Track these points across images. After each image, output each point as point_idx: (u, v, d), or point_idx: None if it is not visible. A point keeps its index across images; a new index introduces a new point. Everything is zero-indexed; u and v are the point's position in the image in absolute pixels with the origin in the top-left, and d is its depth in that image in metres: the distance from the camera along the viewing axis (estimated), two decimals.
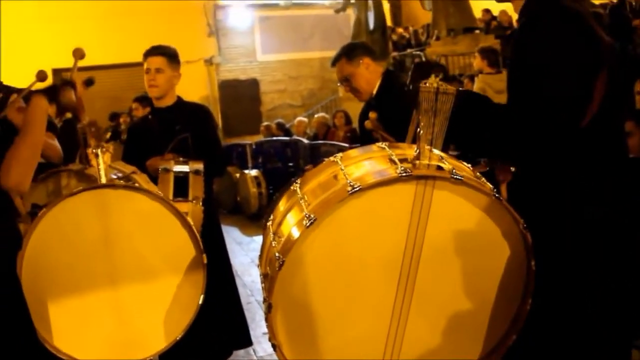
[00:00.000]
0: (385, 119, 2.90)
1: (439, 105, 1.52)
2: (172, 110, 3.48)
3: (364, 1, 13.13)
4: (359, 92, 3.29)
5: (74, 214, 2.26)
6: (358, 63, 3.25)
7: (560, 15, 1.68)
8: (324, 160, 1.85)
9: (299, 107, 15.74)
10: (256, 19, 15.73)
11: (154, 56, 3.43)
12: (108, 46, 14.14)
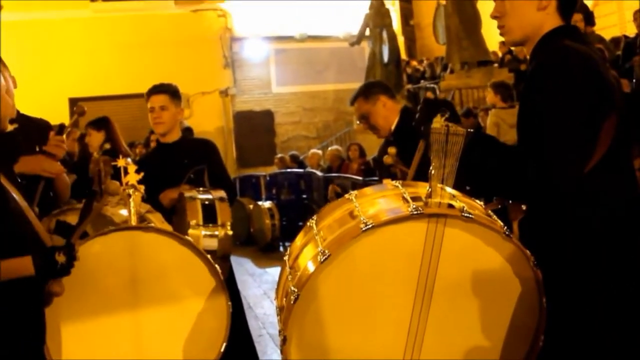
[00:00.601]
0: (404, 154, 2.98)
1: (450, 146, 1.58)
2: (178, 145, 3.58)
3: (379, 34, 13.25)
4: (377, 129, 3.43)
5: (102, 252, 2.28)
6: (375, 101, 3.38)
7: (570, 59, 1.72)
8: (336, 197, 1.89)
9: (313, 139, 15.84)
10: (271, 51, 15.94)
11: (157, 94, 3.51)
12: (125, 76, 14.41)
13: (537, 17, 1.88)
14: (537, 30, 1.89)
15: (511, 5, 1.90)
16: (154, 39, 14.74)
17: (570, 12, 1.92)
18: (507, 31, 1.95)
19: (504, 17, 1.93)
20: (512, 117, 7.59)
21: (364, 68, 13.76)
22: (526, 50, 1.97)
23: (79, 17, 14.75)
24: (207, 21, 15.58)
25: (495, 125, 7.66)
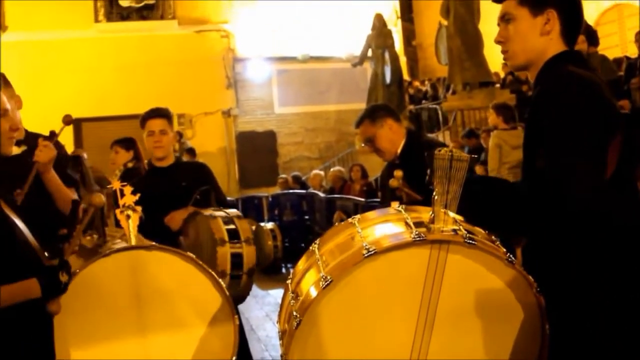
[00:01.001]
0: (410, 177, 2.99)
1: (453, 172, 1.58)
2: (173, 169, 3.59)
3: (381, 55, 13.31)
4: (383, 152, 3.43)
5: (106, 273, 2.30)
6: (382, 124, 3.38)
7: (574, 84, 1.73)
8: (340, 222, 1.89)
9: (315, 160, 15.85)
10: (274, 72, 16.00)
11: (156, 119, 3.54)
12: (127, 96, 14.45)
13: (541, 42, 1.89)
14: (541, 55, 1.90)
15: (515, 30, 1.92)
16: (157, 59, 14.83)
17: (573, 37, 1.93)
18: (511, 56, 1.96)
19: (507, 42, 1.94)
20: (514, 139, 7.66)
21: (366, 89, 13.80)
22: (530, 75, 1.98)
23: (83, 37, 14.84)
24: (210, 42, 15.67)
25: (498, 147, 7.65)
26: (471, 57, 12.24)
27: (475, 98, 12.05)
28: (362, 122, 3.47)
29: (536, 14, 1.89)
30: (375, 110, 3.53)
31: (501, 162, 7.63)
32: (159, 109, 3.61)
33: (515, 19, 1.92)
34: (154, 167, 3.64)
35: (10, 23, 14.75)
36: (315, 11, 16.15)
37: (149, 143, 3.53)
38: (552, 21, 1.88)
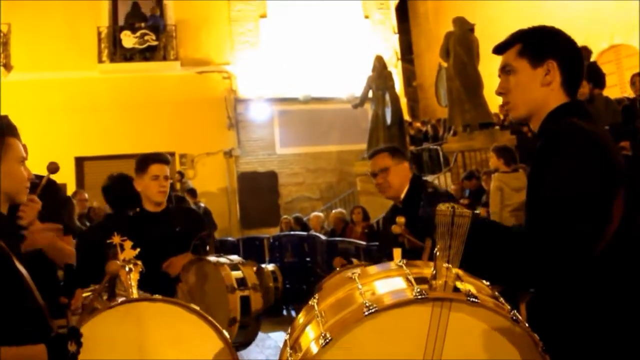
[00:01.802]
0: (413, 224, 2.96)
1: (455, 228, 1.56)
2: (166, 214, 3.55)
3: (382, 97, 13.38)
4: (391, 187, 3.40)
5: (110, 327, 2.27)
6: (399, 162, 3.42)
7: (578, 138, 1.71)
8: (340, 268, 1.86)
9: (316, 200, 15.85)
10: (275, 113, 16.13)
11: (162, 164, 3.51)
12: (130, 136, 14.59)
13: (542, 93, 1.88)
14: (543, 107, 1.89)
15: (516, 81, 1.91)
16: (159, 99, 14.98)
17: (575, 88, 1.92)
18: (512, 107, 1.95)
19: (508, 93, 1.94)
20: (515, 181, 7.66)
21: (366, 129, 13.85)
22: (532, 126, 1.96)
23: (87, 78, 15.04)
24: (212, 83, 15.84)
25: (499, 190, 7.66)
26: (471, 98, 12.31)
27: (476, 139, 12.07)
28: (379, 153, 3.50)
29: (536, 66, 1.89)
30: (396, 149, 3.59)
31: (503, 205, 7.62)
32: (163, 154, 3.62)
33: (515, 70, 1.92)
34: (147, 212, 3.56)
35: (16, 63, 14.96)
36: (316, 53, 16.37)
37: (152, 187, 3.47)
38: (552, 72, 1.87)
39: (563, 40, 1.93)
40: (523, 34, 1.97)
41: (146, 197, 3.53)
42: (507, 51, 1.96)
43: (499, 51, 2.00)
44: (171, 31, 15.75)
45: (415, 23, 25.54)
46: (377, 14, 17.44)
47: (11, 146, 2.00)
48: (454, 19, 12.86)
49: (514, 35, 1.99)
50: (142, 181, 3.50)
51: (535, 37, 1.95)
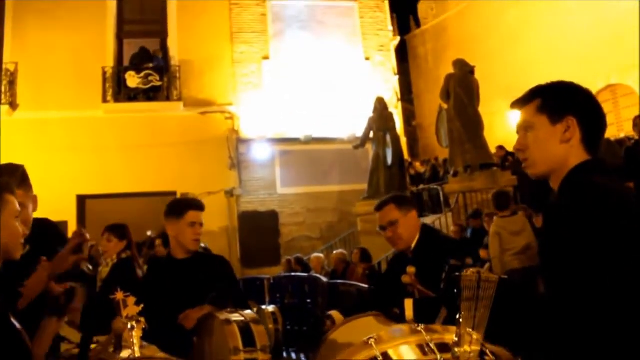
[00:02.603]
0: (423, 274, 2.94)
1: (481, 293, 1.55)
2: (193, 262, 3.46)
3: (382, 137, 13.45)
4: (401, 239, 3.33)
5: None
6: (407, 212, 3.34)
7: (601, 199, 1.65)
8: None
9: (317, 240, 15.81)
10: (277, 153, 16.20)
11: (199, 211, 3.46)
12: (132, 175, 14.64)
13: (561, 150, 1.84)
14: (562, 164, 1.83)
15: (534, 138, 1.88)
16: (162, 139, 15.06)
17: (596, 144, 1.86)
18: (531, 165, 1.91)
19: (527, 150, 1.90)
20: (514, 225, 7.72)
21: (367, 169, 13.89)
22: (552, 184, 1.90)
23: (91, 117, 15.13)
24: (214, 123, 15.94)
25: (497, 235, 7.71)
26: (472, 139, 12.36)
27: (477, 180, 12.10)
28: (387, 205, 3.39)
29: (555, 122, 1.85)
30: (402, 198, 3.49)
31: (503, 249, 7.65)
32: (200, 200, 3.59)
33: (534, 126, 1.88)
34: (174, 258, 3.49)
35: (21, 101, 15.09)
36: (317, 94, 16.52)
37: (187, 234, 3.40)
38: (572, 129, 1.83)
39: (583, 96, 1.89)
40: (542, 90, 1.93)
41: (178, 243, 3.45)
42: (526, 107, 1.93)
43: (518, 106, 1.97)
44: (175, 72, 15.91)
45: (415, 64, 25.87)
46: (377, 56, 17.65)
47: (7, 202, 2.01)
48: (455, 61, 13.01)
49: (532, 90, 1.95)
50: (175, 226, 3.42)
51: (554, 92, 1.91)
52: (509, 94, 11.84)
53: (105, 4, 16.13)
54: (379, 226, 3.42)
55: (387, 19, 18.38)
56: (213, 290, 3.27)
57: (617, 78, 18.01)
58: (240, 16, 16.86)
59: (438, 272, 2.95)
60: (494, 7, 22.12)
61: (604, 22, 17.82)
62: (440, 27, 24.56)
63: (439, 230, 4.17)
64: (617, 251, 1.56)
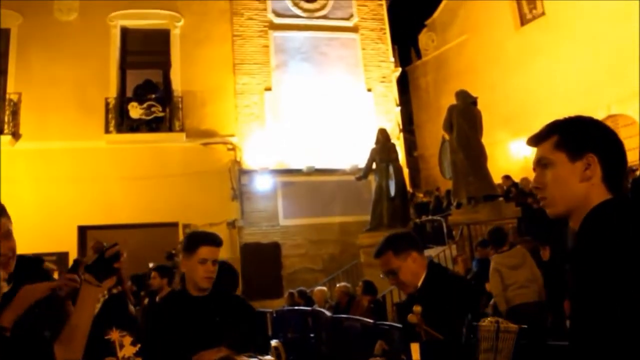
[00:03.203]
0: (430, 313, 2.86)
1: (500, 344, 1.48)
2: (210, 300, 3.26)
3: (385, 169, 13.39)
4: (405, 284, 3.21)
5: None
6: (406, 257, 3.18)
7: (627, 241, 1.55)
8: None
9: (319, 272, 15.68)
10: (279, 184, 16.16)
11: (213, 246, 3.23)
12: (134, 206, 14.62)
13: (582, 189, 1.73)
14: (583, 203, 1.73)
15: (553, 176, 1.79)
16: (164, 170, 15.05)
17: (618, 182, 1.77)
18: (550, 204, 1.81)
19: (545, 188, 1.81)
20: (511, 259, 7.68)
21: (369, 200, 13.82)
22: (572, 224, 1.79)
23: (94, 147, 15.14)
24: (216, 154, 15.94)
25: (497, 272, 7.66)
26: (475, 171, 12.28)
27: (481, 212, 12.00)
28: (384, 253, 3.22)
29: (575, 159, 1.76)
30: (398, 241, 3.27)
31: (504, 285, 7.57)
32: (216, 235, 3.31)
33: (552, 164, 1.79)
34: (190, 295, 3.27)
35: (24, 131, 15.11)
36: (319, 125, 16.56)
37: (199, 272, 3.19)
38: (593, 166, 1.74)
39: (603, 132, 1.80)
40: (560, 126, 1.85)
41: (190, 280, 3.26)
42: (543, 143, 1.84)
43: (534, 143, 1.88)
44: (177, 103, 15.96)
45: (416, 95, 26.00)
46: (379, 87, 17.73)
47: None
48: (457, 92, 13.00)
49: (549, 126, 1.87)
50: (188, 262, 3.23)
51: (573, 128, 1.82)
52: (510, 124, 12.05)
53: (109, 35, 16.25)
54: (382, 273, 3.30)
55: (388, 51, 18.51)
56: (230, 332, 3.13)
57: (618, 108, 18.08)
58: (243, 47, 16.98)
59: (446, 312, 2.86)
60: (494, 39, 22.30)
61: (604, 52, 17.95)
62: (441, 58, 24.72)
63: (446, 268, 4.04)
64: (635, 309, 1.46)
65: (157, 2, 16.49)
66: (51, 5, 15.93)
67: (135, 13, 16.46)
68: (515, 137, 20.74)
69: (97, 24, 16.04)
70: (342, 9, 18.02)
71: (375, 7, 18.41)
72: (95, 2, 16.12)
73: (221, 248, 3.28)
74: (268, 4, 17.42)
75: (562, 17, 19.84)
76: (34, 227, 12.45)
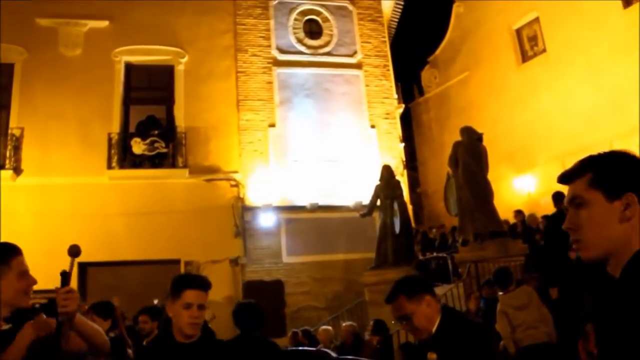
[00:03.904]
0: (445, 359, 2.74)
1: None
2: (198, 347, 3.07)
3: (390, 206, 13.27)
4: (419, 330, 3.06)
5: None
6: (419, 301, 3.04)
7: None
8: None
9: (323, 310, 15.43)
10: (282, 221, 16.01)
11: (197, 290, 3.07)
12: (136, 242, 14.47)
13: (621, 231, 1.59)
14: (623, 247, 1.58)
15: (588, 217, 1.64)
16: (166, 206, 14.93)
17: None
18: (584, 247, 1.66)
19: (579, 230, 1.66)
20: (517, 300, 7.56)
21: (374, 237, 13.67)
22: (610, 269, 1.64)
23: (96, 183, 15.03)
24: (219, 190, 15.84)
25: (503, 314, 7.57)
26: (481, 207, 12.20)
27: (488, 249, 11.86)
28: (396, 298, 3.06)
29: (613, 199, 1.61)
30: (412, 285, 3.12)
31: (512, 326, 7.42)
32: (201, 277, 3.19)
33: (587, 203, 1.65)
34: (176, 342, 3.07)
35: (26, 167, 15.03)
36: (323, 161, 16.51)
37: (182, 317, 3.01)
38: (633, 206, 1.59)
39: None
40: (594, 162, 1.71)
41: (176, 326, 3.08)
42: (576, 181, 1.71)
43: (566, 180, 1.75)
44: (181, 138, 15.91)
45: (419, 131, 26.02)
46: (383, 124, 17.72)
47: None
48: (462, 128, 12.97)
49: (583, 162, 1.73)
50: (173, 307, 3.07)
51: (609, 165, 1.68)
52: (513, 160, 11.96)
53: (113, 71, 16.29)
54: (394, 318, 3.14)
55: (392, 87, 18.56)
56: None
57: (620, 143, 17.97)
58: (247, 84, 17.01)
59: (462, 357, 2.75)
60: (496, 75, 22.40)
61: (605, 87, 17.99)
62: (443, 94, 24.80)
63: (460, 313, 3.91)
64: None
65: (162, 38, 16.58)
66: (56, 40, 16.01)
67: (139, 49, 16.53)
68: (519, 173, 20.68)
69: (101, 59, 16.10)
70: (346, 46, 18.12)
71: (379, 44, 18.52)
72: (100, 38, 16.22)
73: (207, 292, 3.11)
74: (272, 41, 17.52)
75: (563, 54, 19.94)
76: (33, 263, 12.09)
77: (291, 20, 17.83)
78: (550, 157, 19.81)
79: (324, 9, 18.20)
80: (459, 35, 24.23)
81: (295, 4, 18.03)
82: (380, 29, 18.78)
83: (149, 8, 16.59)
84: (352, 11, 18.50)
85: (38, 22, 15.94)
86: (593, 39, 18.64)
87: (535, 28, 21.48)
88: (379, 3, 19.11)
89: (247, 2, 17.67)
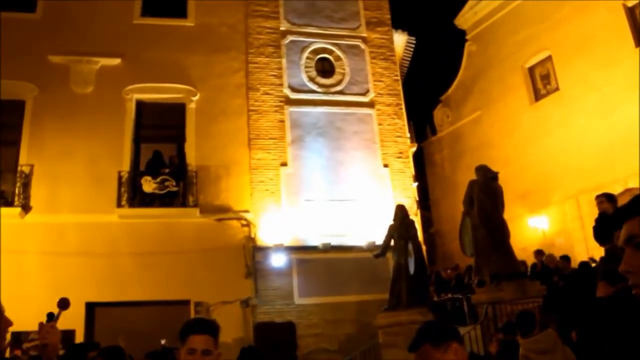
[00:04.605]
0: None
1: None
2: None
3: (404, 246, 13.02)
4: None
5: None
6: (446, 349, 2.74)
7: None
8: None
9: (335, 353, 15.04)
10: (294, 262, 15.73)
11: (200, 335, 2.89)
12: (144, 283, 14.25)
13: None
14: None
15: None
16: (177, 245, 14.72)
17: None
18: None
19: (639, 273, 1.50)
20: (539, 344, 7.20)
21: (387, 279, 13.40)
22: None
23: (105, 222, 14.83)
24: (230, 230, 15.62)
25: (525, 358, 7.19)
26: (498, 248, 11.98)
27: (505, 290, 11.58)
28: (421, 346, 2.77)
29: None
30: (436, 331, 2.84)
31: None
32: (205, 321, 3.01)
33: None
34: None
35: (35, 204, 14.90)
36: (336, 201, 16.31)
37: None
38: None
39: None
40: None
41: None
42: (631, 220, 1.55)
43: (620, 219, 1.58)
44: (191, 177, 15.77)
45: (431, 171, 25.89)
46: (396, 163, 17.55)
47: None
48: (477, 167, 12.79)
49: (636, 203, 1.58)
50: (181, 352, 2.89)
51: None
52: (527, 199, 11.70)
53: (124, 109, 16.25)
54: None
55: (405, 126, 18.46)
56: None
57: (635, 182, 17.78)
58: (258, 122, 16.93)
59: None
60: (508, 114, 22.34)
61: (619, 124, 17.87)
62: (456, 133, 24.73)
63: None
64: None
65: (173, 76, 16.59)
66: (67, 78, 16.03)
67: (151, 87, 16.53)
68: (533, 213, 20.42)
69: (112, 97, 16.08)
70: (358, 85, 18.07)
71: (391, 83, 18.46)
72: (112, 76, 16.23)
73: (213, 336, 2.90)
74: (284, 79, 17.50)
75: (576, 92, 19.87)
76: (40, 302, 11.98)
77: (303, 59, 17.84)
78: (565, 195, 19.58)
79: (336, 47, 18.22)
80: (472, 74, 24.27)
81: (308, 42, 18.06)
82: (393, 68, 18.76)
83: (160, 46, 16.66)
84: (364, 50, 18.51)
85: (50, 59, 16.00)
86: (605, 77, 18.60)
87: (548, 66, 21.48)
88: (391, 42, 19.11)
89: (259, 41, 17.72)
